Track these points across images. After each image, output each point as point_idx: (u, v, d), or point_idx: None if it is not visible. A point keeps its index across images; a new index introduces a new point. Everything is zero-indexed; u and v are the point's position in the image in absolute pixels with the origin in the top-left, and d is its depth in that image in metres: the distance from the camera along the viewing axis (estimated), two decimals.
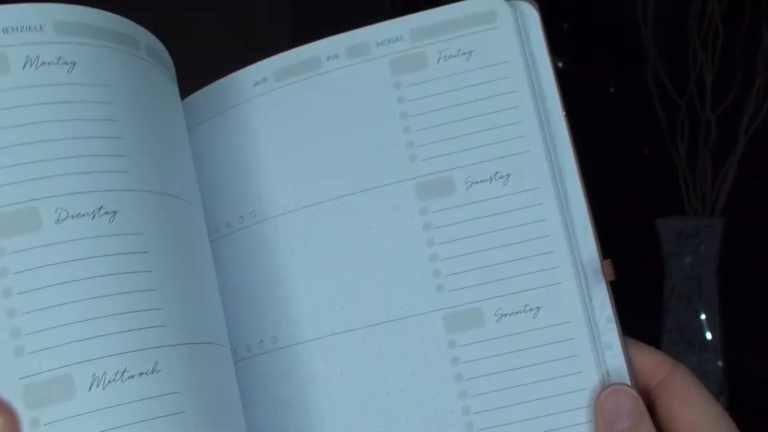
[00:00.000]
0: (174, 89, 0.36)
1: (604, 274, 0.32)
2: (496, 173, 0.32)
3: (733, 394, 0.79)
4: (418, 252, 0.33)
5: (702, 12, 0.80)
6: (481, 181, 0.32)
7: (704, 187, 0.82)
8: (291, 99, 0.36)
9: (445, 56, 0.33)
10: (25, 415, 0.29)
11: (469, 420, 0.31)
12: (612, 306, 0.31)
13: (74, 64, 0.32)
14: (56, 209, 0.30)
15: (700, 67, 0.81)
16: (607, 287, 0.31)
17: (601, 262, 0.32)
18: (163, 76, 0.35)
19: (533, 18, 0.33)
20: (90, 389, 0.30)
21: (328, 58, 0.35)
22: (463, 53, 0.33)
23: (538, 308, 0.31)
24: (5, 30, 0.31)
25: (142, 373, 0.30)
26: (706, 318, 0.80)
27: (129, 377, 0.30)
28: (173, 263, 0.33)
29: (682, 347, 0.80)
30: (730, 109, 0.80)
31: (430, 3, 0.35)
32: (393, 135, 0.34)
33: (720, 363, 0.80)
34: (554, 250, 0.31)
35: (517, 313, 0.31)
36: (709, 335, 0.80)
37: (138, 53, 0.34)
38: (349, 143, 0.35)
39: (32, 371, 0.29)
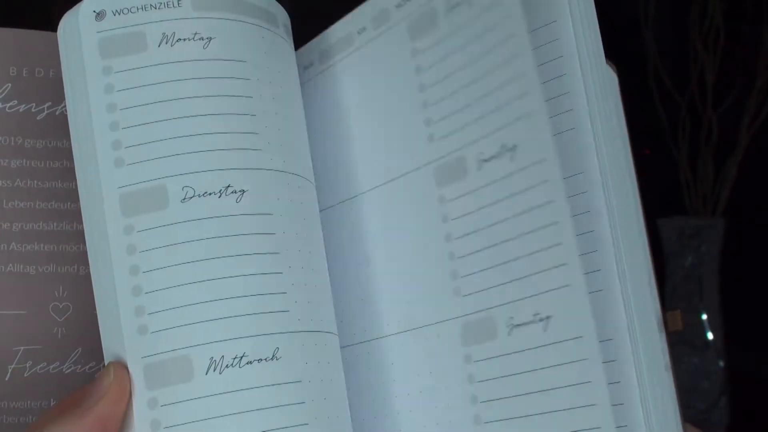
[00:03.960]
0: (296, 70, 0.35)
1: (668, 324, 0.31)
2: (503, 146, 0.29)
3: (735, 395, 0.79)
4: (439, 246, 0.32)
5: (703, 12, 0.80)
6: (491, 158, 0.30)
7: (705, 187, 0.81)
8: (334, 81, 0.35)
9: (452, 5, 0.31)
10: (144, 395, 0.28)
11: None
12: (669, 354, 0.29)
13: (210, 39, 0.31)
14: (183, 187, 0.29)
15: (701, 67, 0.81)
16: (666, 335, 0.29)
17: (665, 312, 0.30)
18: (293, 56, 0.34)
19: None
20: (207, 373, 0.29)
21: (358, 32, 0.34)
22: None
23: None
24: (144, 8, 0.30)
25: (261, 359, 0.29)
26: (708, 318, 0.80)
27: (247, 363, 0.29)
28: (298, 245, 0.31)
29: (683, 347, 0.79)
30: (731, 108, 0.80)
31: None
32: (414, 114, 0.32)
33: (721, 363, 0.80)
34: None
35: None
36: (710, 335, 0.80)
37: (277, 30, 0.33)
38: (377, 128, 0.34)
39: (154, 351, 0.29)
